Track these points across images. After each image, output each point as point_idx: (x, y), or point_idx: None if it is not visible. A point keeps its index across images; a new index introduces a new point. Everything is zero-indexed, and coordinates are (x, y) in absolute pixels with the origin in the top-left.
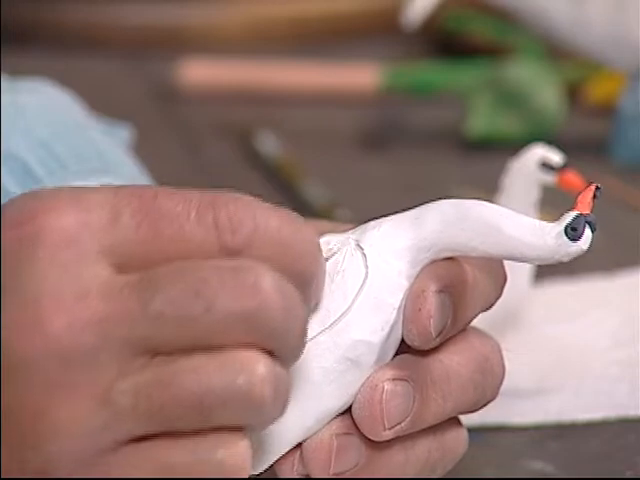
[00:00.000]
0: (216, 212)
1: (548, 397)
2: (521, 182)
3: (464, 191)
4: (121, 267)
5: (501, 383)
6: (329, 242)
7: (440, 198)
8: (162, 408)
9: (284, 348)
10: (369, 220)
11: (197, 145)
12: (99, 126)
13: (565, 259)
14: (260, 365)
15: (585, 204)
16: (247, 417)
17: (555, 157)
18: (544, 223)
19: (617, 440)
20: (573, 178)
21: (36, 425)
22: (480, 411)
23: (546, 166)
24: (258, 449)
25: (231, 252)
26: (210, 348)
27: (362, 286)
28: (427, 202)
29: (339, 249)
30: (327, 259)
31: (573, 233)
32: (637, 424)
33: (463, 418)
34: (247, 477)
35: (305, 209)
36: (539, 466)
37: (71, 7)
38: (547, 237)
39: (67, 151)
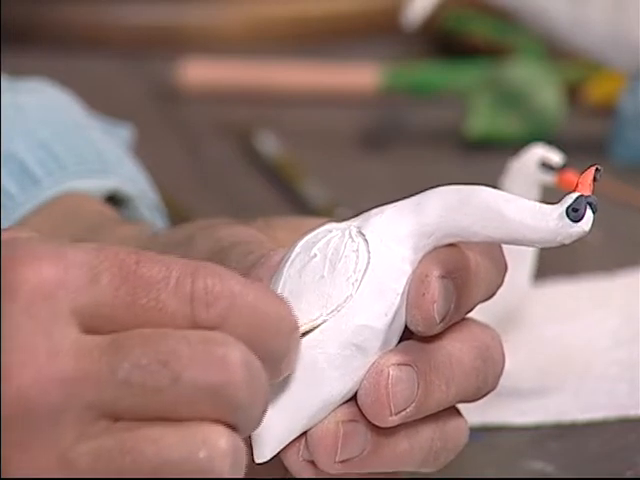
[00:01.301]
0: (195, 284)
1: (548, 397)
2: (521, 182)
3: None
4: (93, 328)
5: (501, 372)
6: (330, 229)
7: (439, 186)
8: (119, 474)
9: (244, 422)
10: (371, 208)
11: (197, 145)
12: (99, 126)
13: (567, 241)
14: (222, 439)
15: (586, 185)
16: None
17: (555, 157)
18: (545, 205)
19: (617, 440)
20: (573, 178)
21: (7, 473)
22: (480, 411)
23: (546, 166)
24: (264, 436)
25: (204, 326)
26: (173, 418)
27: (365, 271)
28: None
29: (341, 236)
30: (329, 245)
31: (575, 214)
32: (637, 424)
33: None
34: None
35: (305, 208)
36: (539, 466)
37: (71, 7)
38: (549, 219)
39: (66, 151)
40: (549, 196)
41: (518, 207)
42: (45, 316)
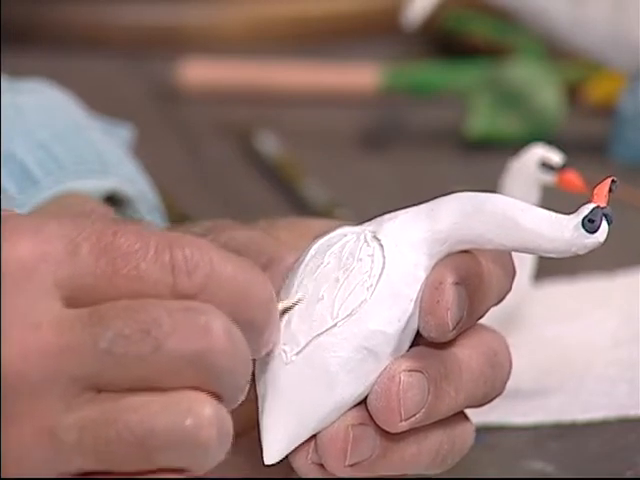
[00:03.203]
0: (173, 253)
1: (548, 397)
2: (521, 182)
3: (462, 189)
4: (75, 300)
5: (508, 377)
6: (345, 233)
7: (449, 194)
8: (106, 446)
9: (228, 390)
10: (383, 213)
11: (197, 145)
12: (99, 126)
13: (582, 252)
14: (207, 407)
15: (602, 197)
16: (191, 459)
17: (555, 157)
18: (561, 215)
19: (617, 440)
20: (573, 178)
21: None
22: (481, 411)
23: (546, 166)
24: (273, 438)
25: (185, 294)
26: (157, 388)
27: (380, 276)
28: (427, 201)
29: (356, 240)
30: (344, 248)
31: (590, 225)
32: (637, 424)
33: None
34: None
35: (305, 209)
36: (539, 466)
37: (71, 7)
38: (564, 229)
39: (66, 152)
40: (549, 196)
41: (534, 216)
42: (27, 290)
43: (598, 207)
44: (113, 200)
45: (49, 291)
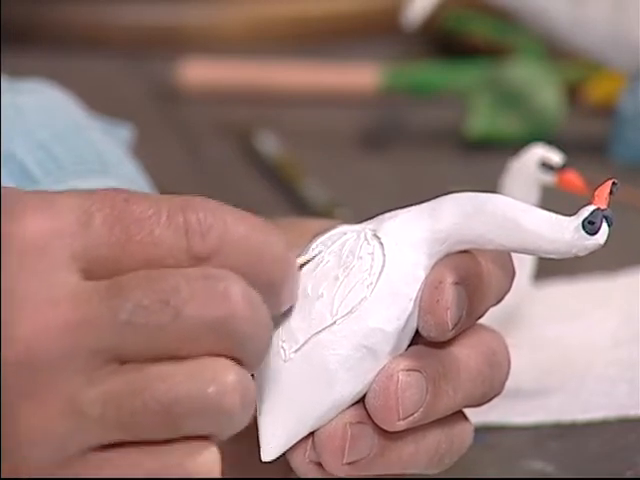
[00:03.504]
0: (186, 216)
1: (548, 397)
2: (521, 182)
3: (463, 189)
4: (91, 272)
5: (507, 377)
6: (345, 231)
7: (449, 194)
8: (131, 417)
9: (250, 356)
10: (384, 212)
11: (197, 145)
12: (99, 126)
13: (582, 253)
14: (230, 374)
15: (602, 199)
16: (216, 426)
17: (555, 157)
18: (561, 217)
19: (617, 440)
20: (573, 178)
21: (12, 429)
22: (481, 411)
23: (546, 166)
24: (271, 435)
25: (200, 257)
26: (179, 356)
27: (380, 275)
28: (427, 201)
29: (356, 238)
30: (344, 246)
31: (591, 227)
32: (637, 424)
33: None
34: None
35: (305, 209)
36: (539, 466)
37: (71, 7)
38: (565, 231)
39: (66, 152)
40: (549, 196)
41: (534, 217)
42: (42, 267)
43: (599, 209)
44: None
45: (65, 265)
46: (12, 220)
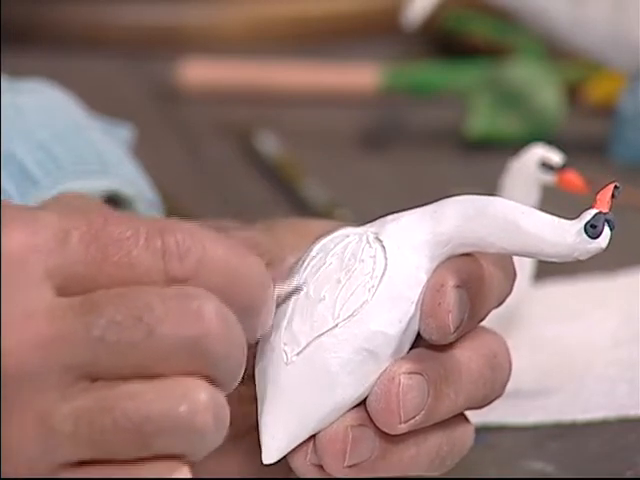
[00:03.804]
0: (164, 239)
1: (548, 397)
2: (521, 182)
3: (464, 191)
4: (67, 290)
5: (508, 379)
6: (348, 234)
7: (442, 198)
8: (101, 434)
9: (224, 375)
10: (385, 215)
11: (197, 145)
12: (99, 126)
13: (583, 257)
14: (202, 393)
15: (604, 202)
16: (188, 445)
17: (555, 157)
18: (563, 220)
19: (617, 440)
20: (573, 178)
21: None
22: (481, 411)
23: (546, 166)
24: (272, 438)
25: (177, 280)
26: (151, 374)
27: (382, 277)
28: (427, 202)
29: (358, 241)
30: (346, 249)
31: (593, 231)
32: (637, 424)
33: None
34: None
35: (305, 209)
36: (539, 466)
37: (71, 7)
38: (566, 234)
39: (66, 152)
40: (549, 196)
41: (536, 221)
42: (18, 281)
43: (600, 213)
44: (113, 200)
45: (41, 280)
46: None
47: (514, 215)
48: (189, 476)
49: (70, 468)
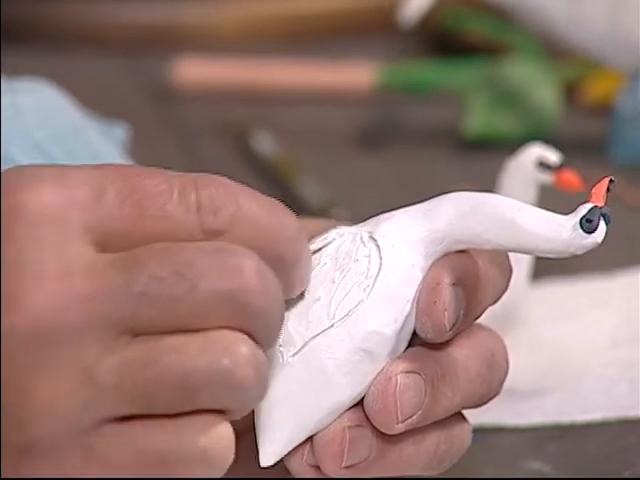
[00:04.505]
0: (198, 193)
1: (547, 397)
2: (518, 181)
3: (459, 189)
4: (104, 245)
5: (505, 377)
6: (342, 233)
7: (445, 193)
8: (145, 387)
9: (263, 331)
10: (380, 213)
11: (193, 144)
12: (95, 126)
13: (579, 252)
14: (243, 346)
15: (599, 197)
16: (230, 398)
17: (552, 156)
18: (558, 216)
19: (616, 441)
20: (570, 177)
21: (19, 405)
22: (478, 411)
23: (543, 165)
24: (269, 440)
25: (212, 233)
26: (192, 329)
27: (377, 277)
28: (422, 201)
29: (352, 239)
30: (340, 249)
31: (588, 225)
32: (636, 425)
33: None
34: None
35: (301, 208)
36: (537, 467)
37: (66, 5)
38: (562, 229)
39: (62, 153)
40: (547, 195)
41: (531, 217)
42: (55, 237)
43: (596, 207)
44: None
45: (79, 237)
46: (27, 190)
47: (509, 211)
48: (230, 431)
49: (113, 422)
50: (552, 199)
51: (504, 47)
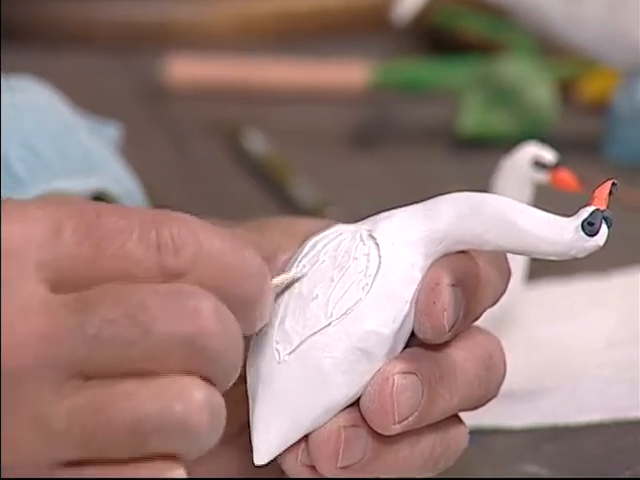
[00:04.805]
0: (159, 231)
1: (543, 399)
2: (513, 181)
3: (457, 189)
4: (60, 284)
5: (503, 380)
6: (341, 231)
7: (434, 195)
8: (95, 434)
9: (220, 374)
10: (378, 212)
11: (184, 143)
12: (86, 125)
13: (581, 255)
14: (197, 392)
15: (602, 199)
16: (183, 444)
17: (548, 155)
18: (560, 218)
19: (612, 442)
20: (566, 176)
21: None
22: (474, 413)
23: (539, 164)
24: (264, 439)
25: (172, 274)
26: (146, 373)
27: (376, 275)
28: (418, 201)
29: (351, 238)
30: (339, 247)
31: (590, 228)
32: (632, 426)
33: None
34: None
35: (294, 208)
36: (534, 469)
37: (58, 4)
38: (564, 232)
39: (52, 151)
40: (542, 195)
41: (533, 218)
42: (11, 275)
43: (598, 210)
44: (100, 200)
45: (33, 275)
46: None
47: (511, 213)
48: (184, 476)
49: (66, 467)
50: (548, 199)
51: (499, 45)
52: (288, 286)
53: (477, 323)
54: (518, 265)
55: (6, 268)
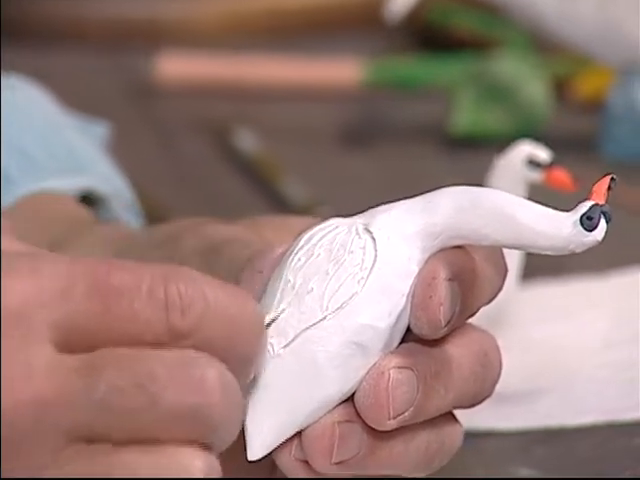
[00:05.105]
0: (167, 289)
1: (536, 400)
2: (507, 180)
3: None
4: (68, 344)
5: (498, 378)
6: (337, 225)
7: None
8: None
9: (219, 439)
10: (376, 205)
11: (174, 141)
12: (74, 124)
13: (579, 249)
14: (198, 462)
15: (600, 194)
16: None
17: (542, 154)
18: (559, 212)
19: (605, 445)
20: (561, 175)
21: None
22: (466, 415)
23: (533, 163)
24: (258, 434)
25: (179, 333)
26: (149, 441)
27: (372, 269)
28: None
29: (347, 232)
30: (334, 240)
31: (589, 223)
32: (626, 428)
33: None
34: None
35: (285, 207)
36: (526, 472)
37: (47, 1)
38: (562, 226)
39: (40, 150)
40: (536, 194)
41: (531, 212)
42: (19, 335)
43: (597, 204)
44: (88, 199)
45: (41, 335)
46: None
47: (509, 207)
48: None
49: None
50: (542, 198)
51: (492, 42)
52: (274, 320)
53: (471, 322)
54: (513, 264)
55: (12, 328)
